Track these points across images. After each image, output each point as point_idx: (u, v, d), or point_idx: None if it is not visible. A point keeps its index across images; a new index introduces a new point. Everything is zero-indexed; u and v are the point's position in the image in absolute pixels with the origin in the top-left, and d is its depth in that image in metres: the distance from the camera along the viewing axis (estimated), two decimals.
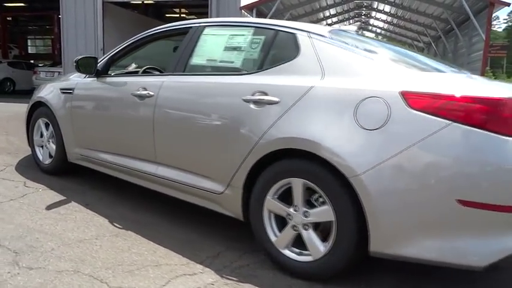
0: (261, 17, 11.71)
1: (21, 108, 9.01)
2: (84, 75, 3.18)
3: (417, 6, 15.29)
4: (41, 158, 3.57)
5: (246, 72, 2.20)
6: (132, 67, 3.52)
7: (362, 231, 1.72)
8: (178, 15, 20.79)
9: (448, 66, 2.33)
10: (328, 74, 1.90)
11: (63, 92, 3.26)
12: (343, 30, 2.26)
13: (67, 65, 11.06)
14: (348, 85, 1.82)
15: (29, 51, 29.22)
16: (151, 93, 2.53)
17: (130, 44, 2.94)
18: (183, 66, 2.50)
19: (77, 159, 3.24)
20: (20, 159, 3.94)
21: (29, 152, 4.16)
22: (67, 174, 3.47)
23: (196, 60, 2.48)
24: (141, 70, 3.25)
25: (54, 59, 18.69)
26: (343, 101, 1.79)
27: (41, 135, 3.58)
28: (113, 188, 3.22)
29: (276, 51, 2.18)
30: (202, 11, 20.60)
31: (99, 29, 10.76)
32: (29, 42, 30.41)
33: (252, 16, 9.99)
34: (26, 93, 14.81)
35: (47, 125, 3.49)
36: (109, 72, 3.05)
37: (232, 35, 2.37)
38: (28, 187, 3.13)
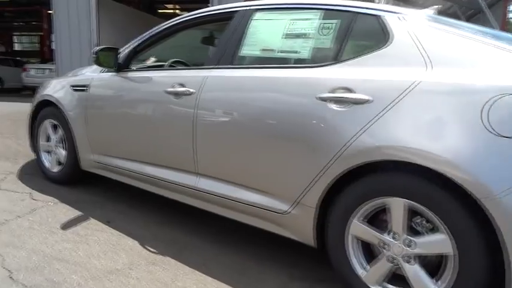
0: None
1: (12, 108, 8.47)
2: (100, 69, 2.75)
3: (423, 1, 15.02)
4: (47, 165, 3.12)
5: (318, 64, 1.79)
6: (151, 61, 3.08)
7: (493, 268, 1.34)
8: (172, 11, 20.23)
9: None
10: (436, 64, 1.51)
11: (76, 89, 2.81)
12: (434, 14, 1.87)
13: (60, 61, 10.47)
14: (468, 79, 1.43)
15: (14, 48, 28.26)
16: (192, 90, 2.11)
17: (157, 33, 2.50)
18: (231, 58, 2.08)
19: (92, 167, 2.80)
20: (21, 166, 3.47)
21: (29, 156, 3.72)
22: (78, 184, 3.03)
23: (248, 50, 2.06)
24: (166, 64, 2.82)
25: (43, 56, 17.97)
26: (466, 99, 1.40)
27: (48, 139, 3.12)
28: (132, 199, 2.79)
29: (357, 39, 1.77)
30: (197, 6, 20.15)
31: (93, 23, 10.19)
32: (15, 39, 29.42)
33: None
34: (14, 92, 14.21)
35: (55, 128, 3.04)
36: (129, 66, 2.62)
37: (293, 19, 1.96)
38: (36, 200, 2.68)
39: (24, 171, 3.31)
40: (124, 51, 2.60)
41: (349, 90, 1.63)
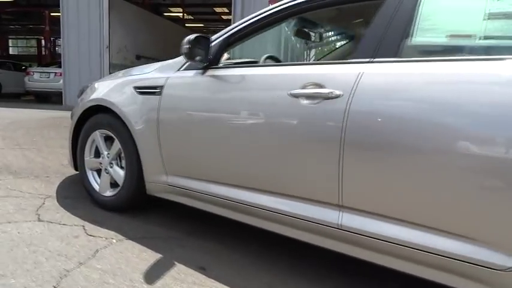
0: None
1: (18, 115, 7.73)
2: (174, 67, 2.15)
3: None
4: (96, 187, 2.49)
5: None
6: (224, 57, 2.48)
7: None
8: (176, 15, 19.69)
9: None
10: None
11: (142, 92, 2.20)
12: None
13: (67, 64, 9.81)
14: None
15: (10, 52, 27.44)
16: (337, 92, 1.52)
17: (261, 19, 1.90)
18: (395, 48, 1.50)
19: (163, 192, 2.18)
20: (57, 187, 2.84)
21: (63, 174, 3.11)
22: (134, 211, 2.41)
23: (424, 37, 1.48)
24: (262, 59, 2.23)
25: (40, 60, 17.22)
26: None
27: (97, 155, 2.50)
28: (218, 232, 2.18)
29: None
30: (203, 10, 19.59)
31: (104, 25, 9.56)
32: (10, 43, 28.59)
33: None
34: (13, 97, 13.45)
35: (107, 140, 2.43)
36: (219, 63, 2.02)
37: None
38: (93, 236, 2.06)
39: (63, 194, 2.67)
40: (213, 42, 2.00)
41: None
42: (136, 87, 2.24)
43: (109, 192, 2.42)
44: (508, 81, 1.24)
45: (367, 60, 1.53)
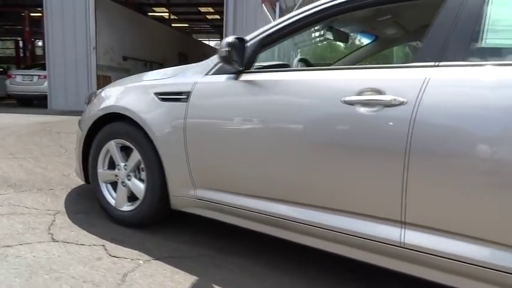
0: (284, 13, 10.61)
1: (1, 119, 7.33)
2: (201, 71, 1.99)
3: None
4: (111, 201, 2.30)
5: None
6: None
7: None
8: (160, 15, 19.37)
9: None
10: None
11: (165, 99, 2.03)
12: None
13: (53, 66, 9.44)
14: None
15: None
16: (401, 99, 1.39)
17: (300, 19, 1.76)
18: (464, 51, 1.38)
19: (191, 206, 2.02)
20: (64, 200, 2.63)
21: (67, 185, 2.92)
22: (154, 227, 2.24)
23: (497, 38, 1.37)
24: (294, 63, 2.09)
25: (24, 62, 16.59)
26: None
27: (111, 166, 2.32)
28: (248, 248, 2.03)
29: None
30: (188, 10, 19.30)
31: (91, 25, 9.23)
32: None
33: (275, 12, 8.86)
34: None
35: (123, 150, 2.25)
36: (252, 67, 1.87)
37: None
38: (117, 257, 1.87)
39: (73, 209, 2.47)
40: (248, 43, 1.84)
41: None
42: (158, 93, 2.06)
43: (126, 207, 2.24)
44: None
45: (432, 64, 1.41)
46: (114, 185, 2.34)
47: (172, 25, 19.70)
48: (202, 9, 19.20)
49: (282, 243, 1.81)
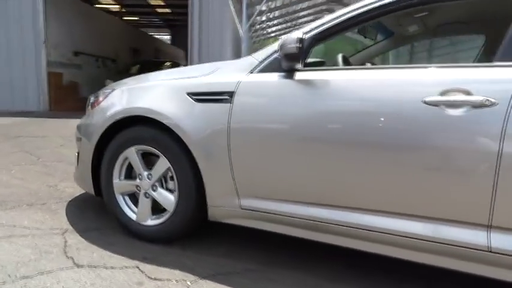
0: (251, 8, 10.40)
1: None
2: (243, 68, 1.81)
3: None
4: (132, 215, 2.06)
5: None
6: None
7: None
8: (107, 7, 18.33)
9: None
10: None
11: (201, 100, 1.83)
12: None
13: None
14: None
15: None
16: (492, 99, 1.34)
17: (363, 13, 1.64)
18: None
19: (233, 217, 1.85)
20: (65, 216, 2.32)
21: (56, 197, 2.63)
22: (181, 241, 2.03)
23: None
24: (339, 60, 1.97)
25: None
26: None
27: (128, 176, 2.07)
28: (310, 261, 1.90)
29: None
30: (136, 3, 18.39)
31: (40, 16, 8.42)
32: None
33: (241, 5, 8.67)
34: None
35: (144, 157, 2.01)
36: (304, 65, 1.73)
37: None
38: (160, 280, 1.65)
39: (81, 226, 2.18)
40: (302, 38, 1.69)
41: None
42: (192, 93, 1.86)
43: (152, 221, 2.01)
44: None
45: None
46: (131, 196, 2.09)
47: (124, 18, 18.73)
48: (152, 2, 18.42)
49: (327, 251, 1.70)
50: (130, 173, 2.08)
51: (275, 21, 23.47)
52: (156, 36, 25.07)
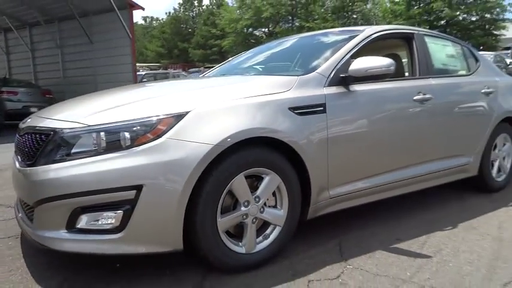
0: None
1: None
2: (320, 83, 2.11)
3: None
4: (238, 249, 1.82)
5: None
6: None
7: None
8: None
9: None
10: None
11: (303, 113, 1.96)
12: None
13: None
14: None
15: None
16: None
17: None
18: None
19: (324, 207, 2.15)
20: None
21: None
22: (290, 254, 2.04)
23: None
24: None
25: None
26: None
27: (226, 210, 1.80)
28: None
29: None
30: None
31: None
32: None
33: None
34: None
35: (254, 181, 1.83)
36: None
37: None
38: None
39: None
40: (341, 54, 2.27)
41: None
42: (293, 108, 1.94)
43: (259, 245, 1.90)
44: None
45: None
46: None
47: None
48: None
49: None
50: (227, 206, 1.80)
51: None
52: None
